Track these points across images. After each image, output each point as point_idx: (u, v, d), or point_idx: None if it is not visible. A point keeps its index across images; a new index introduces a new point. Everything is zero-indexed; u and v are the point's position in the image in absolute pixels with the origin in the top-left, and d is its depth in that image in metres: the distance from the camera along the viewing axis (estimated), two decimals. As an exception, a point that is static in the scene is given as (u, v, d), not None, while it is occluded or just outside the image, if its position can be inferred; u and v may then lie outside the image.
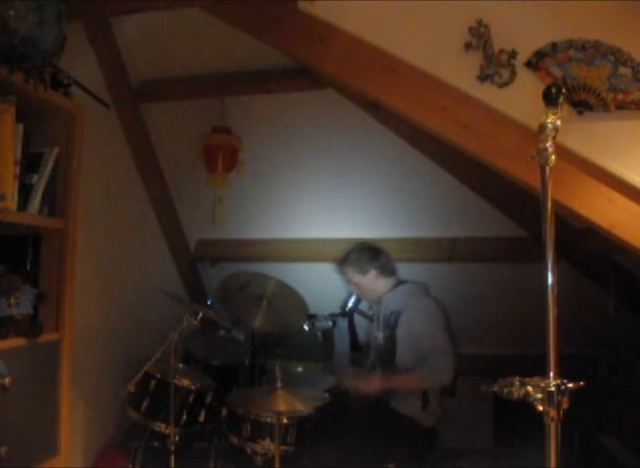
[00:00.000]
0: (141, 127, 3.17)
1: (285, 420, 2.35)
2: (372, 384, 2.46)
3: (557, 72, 1.87)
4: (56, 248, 2.01)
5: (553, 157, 1.21)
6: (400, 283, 2.70)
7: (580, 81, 1.84)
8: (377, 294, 2.74)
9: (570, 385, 1.16)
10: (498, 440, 3.62)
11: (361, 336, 3.29)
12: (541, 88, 1.26)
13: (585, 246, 2.94)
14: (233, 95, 3.08)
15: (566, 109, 1.71)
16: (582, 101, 1.86)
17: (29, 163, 1.84)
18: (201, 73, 2.99)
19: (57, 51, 1.78)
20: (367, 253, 2.69)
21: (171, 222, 3.64)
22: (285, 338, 3.41)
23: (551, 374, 1.17)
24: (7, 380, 1.64)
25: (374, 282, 2.69)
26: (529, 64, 1.90)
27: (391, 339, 2.59)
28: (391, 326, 2.59)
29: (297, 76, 2.84)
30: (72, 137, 2.02)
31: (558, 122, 1.22)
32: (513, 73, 1.92)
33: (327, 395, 2.36)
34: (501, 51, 1.91)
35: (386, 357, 2.62)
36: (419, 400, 2.47)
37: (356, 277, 2.71)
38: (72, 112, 2.02)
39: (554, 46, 1.84)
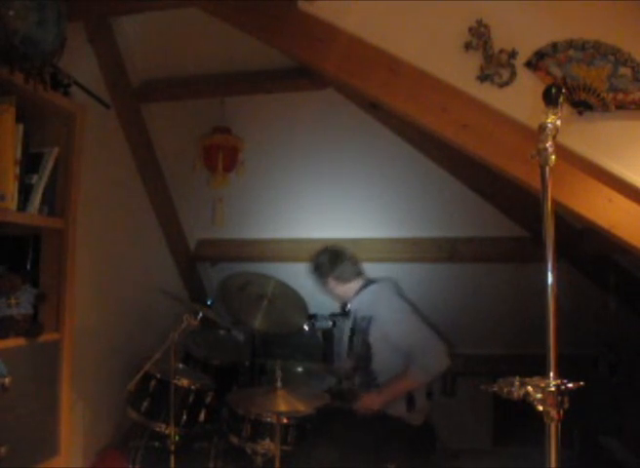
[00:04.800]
0: (141, 127, 3.17)
1: (285, 420, 2.34)
2: (374, 402, 2.44)
3: (557, 72, 1.87)
4: (56, 248, 2.01)
5: (553, 157, 1.21)
6: (367, 284, 2.68)
7: (579, 81, 1.84)
8: (344, 298, 2.78)
9: (570, 385, 1.16)
10: (498, 440, 3.62)
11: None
12: (541, 88, 1.26)
13: (585, 246, 2.94)
14: (233, 95, 3.08)
15: (566, 109, 1.71)
16: (582, 101, 1.86)
17: (29, 163, 1.84)
18: (201, 73, 2.99)
19: (57, 51, 1.78)
20: (327, 260, 2.70)
21: (171, 222, 3.64)
22: (285, 338, 3.41)
23: (551, 374, 1.17)
24: (7, 380, 1.64)
25: (333, 289, 2.73)
26: (529, 64, 1.90)
27: (365, 346, 2.57)
28: (363, 331, 2.58)
29: (297, 76, 2.84)
30: (72, 137, 2.02)
31: (558, 122, 1.22)
32: (513, 73, 1.92)
33: (327, 395, 2.36)
34: (501, 51, 1.91)
35: (362, 363, 2.61)
36: (404, 402, 2.47)
37: (319, 282, 2.77)
38: (72, 112, 2.02)
39: (554, 46, 1.84)
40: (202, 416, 2.57)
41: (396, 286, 2.65)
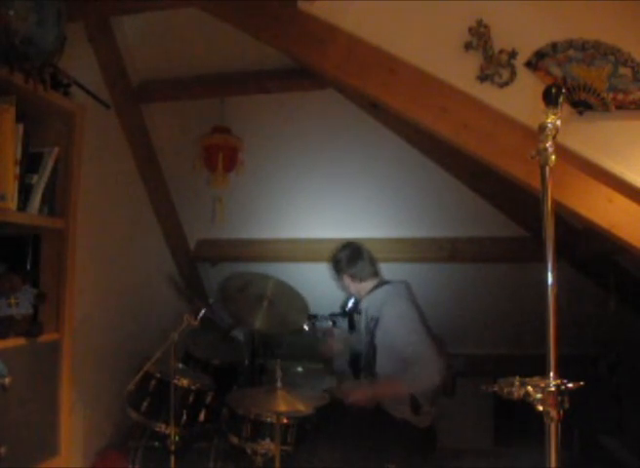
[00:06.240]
0: (141, 127, 3.17)
1: (285, 420, 2.34)
2: (357, 395, 2.46)
3: (557, 72, 1.87)
4: (56, 248, 2.01)
5: (553, 157, 1.21)
6: (379, 285, 2.68)
7: (580, 81, 1.84)
8: (357, 295, 2.80)
9: (570, 385, 1.16)
10: (498, 440, 3.62)
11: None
12: (541, 88, 1.26)
13: (585, 246, 2.94)
14: (233, 95, 3.08)
15: (566, 109, 1.71)
16: (582, 101, 1.86)
17: (29, 163, 1.84)
18: (201, 73, 2.99)
19: (57, 51, 1.78)
20: (345, 257, 2.71)
21: (171, 222, 3.64)
22: (285, 338, 3.41)
23: (551, 374, 1.17)
24: (7, 380, 1.64)
25: (348, 285, 2.75)
26: (529, 64, 1.90)
27: (372, 347, 2.58)
28: (371, 332, 2.58)
29: (296, 76, 2.84)
30: (72, 137, 2.02)
31: (558, 122, 1.22)
32: (513, 73, 1.92)
33: (327, 395, 2.36)
34: (501, 51, 1.91)
35: (368, 364, 2.62)
36: (408, 405, 2.47)
37: (334, 277, 2.80)
38: (72, 112, 2.02)
39: (554, 46, 1.84)
40: (202, 416, 2.56)
41: (408, 289, 2.63)
